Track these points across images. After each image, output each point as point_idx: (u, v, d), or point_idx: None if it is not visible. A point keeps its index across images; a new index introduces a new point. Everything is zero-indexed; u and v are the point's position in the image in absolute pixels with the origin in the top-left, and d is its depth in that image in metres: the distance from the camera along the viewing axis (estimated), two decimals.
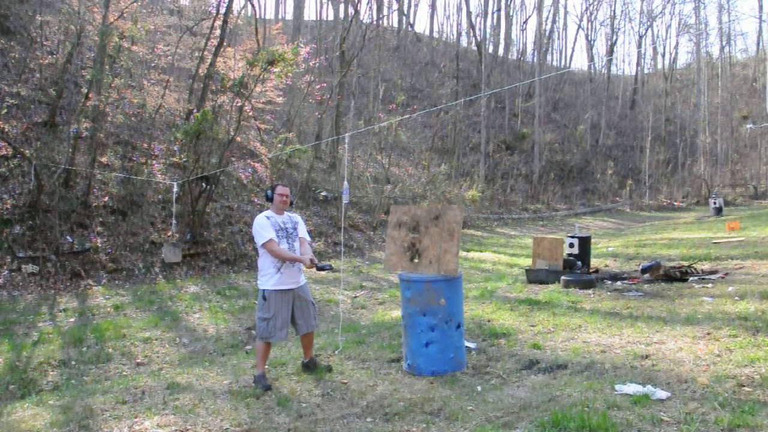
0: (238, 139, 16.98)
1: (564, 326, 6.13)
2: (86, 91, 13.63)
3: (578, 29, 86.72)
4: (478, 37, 39.68)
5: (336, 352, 5.71)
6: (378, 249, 16.86)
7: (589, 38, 50.91)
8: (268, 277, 4.70)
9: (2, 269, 10.30)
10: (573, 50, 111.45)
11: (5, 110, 12.87)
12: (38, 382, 6.63)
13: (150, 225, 13.02)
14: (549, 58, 50.17)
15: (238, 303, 10.09)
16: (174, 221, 13.09)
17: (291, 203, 4.96)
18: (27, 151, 12.01)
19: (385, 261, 5.19)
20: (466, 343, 5.65)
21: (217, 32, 16.31)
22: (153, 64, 18.22)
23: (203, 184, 13.51)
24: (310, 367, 5.04)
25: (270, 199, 4.85)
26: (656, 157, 38.39)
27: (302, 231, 4.93)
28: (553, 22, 49.88)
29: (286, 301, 4.74)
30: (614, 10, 72.93)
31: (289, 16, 38.61)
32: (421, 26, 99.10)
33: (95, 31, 14.27)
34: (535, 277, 9.42)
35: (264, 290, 4.72)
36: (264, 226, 4.68)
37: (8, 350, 7.38)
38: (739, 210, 27.84)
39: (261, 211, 5.25)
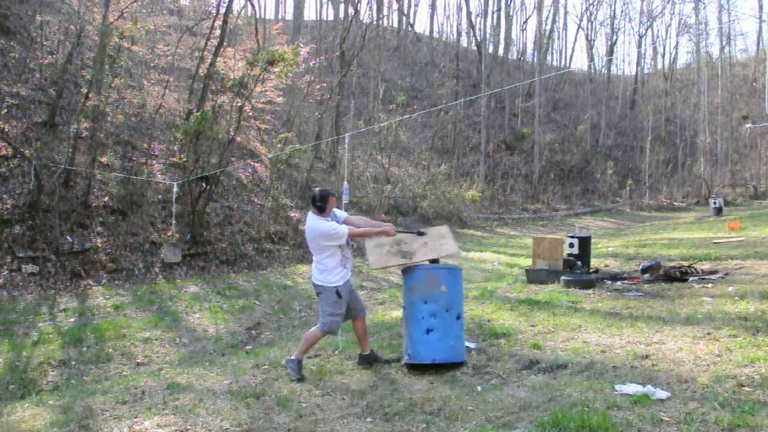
0: (238, 139, 16.99)
1: (564, 326, 6.13)
2: (86, 91, 13.63)
3: (578, 29, 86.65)
4: (478, 37, 39.68)
5: (336, 352, 5.71)
6: None
7: (589, 38, 50.87)
8: (336, 274, 4.84)
9: (2, 269, 10.30)
10: (573, 50, 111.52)
11: (5, 110, 12.87)
12: (38, 382, 6.63)
13: (150, 225, 13.02)
14: (549, 58, 50.17)
15: (238, 303, 10.10)
16: (174, 221, 13.09)
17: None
18: (27, 151, 12.00)
19: (371, 262, 5.25)
20: (466, 343, 5.65)
21: (217, 32, 16.31)
22: (153, 64, 18.22)
23: (203, 184, 13.51)
24: (369, 360, 5.13)
25: (322, 210, 4.84)
26: (656, 157, 38.36)
27: (343, 217, 5.04)
28: (553, 22, 49.87)
29: (350, 291, 4.97)
30: (614, 10, 72.93)
31: (289, 16, 38.64)
32: (421, 26, 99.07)
33: (95, 31, 14.27)
34: (535, 277, 9.41)
35: (337, 287, 4.84)
36: (331, 225, 4.81)
37: (8, 350, 7.38)
38: (739, 210, 27.84)
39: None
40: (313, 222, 4.86)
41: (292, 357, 4.97)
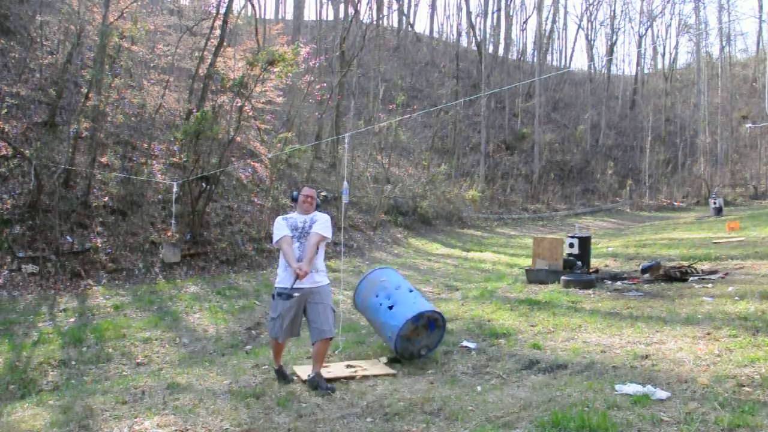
0: (238, 139, 16.99)
1: (564, 326, 6.13)
2: (86, 91, 13.63)
3: (578, 29, 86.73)
4: (478, 37, 39.68)
5: (336, 352, 5.71)
6: (378, 249, 16.86)
7: (589, 38, 50.89)
8: (278, 277, 4.76)
9: (2, 269, 10.30)
10: (573, 50, 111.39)
11: (5, 110, 12.87)
12: (38, 382, 6.64)
13: (150, 225, 13.02)
14: (549, 58, 50.18)
15: (238, 303, 10.10)
16: (174, 221, 13.09)
17: (317, 205, 4.89)
18: (27, 151, 12.00)
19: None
20: (466, 343, 5.66)
21: (217, 32, 16.31)
22: (153, 64, 18.22)
23: (203, 184, 13.51)
24: (313, 385, 4.57)
25: (295, 200, 4.88)
26: (656, 157, 38.35)
27: (317, 227, 4.68)
28: (553, 22, 49.89)
29: (292, 301, 4.57)
30: (614, 10, 73.00)
31: (289, 16, 38.64)
32: (421, 26, 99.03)
33: (95, 31, 14.27)
34: (535, 277, 9.41)
35: (275, 288, 4.78)
36: (279, 226, 4.75)
37: (8, 350, 7.39)
38: (739, 210, 27.83)
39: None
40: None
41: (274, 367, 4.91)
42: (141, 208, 13.23)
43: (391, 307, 5.17)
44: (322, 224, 4.75)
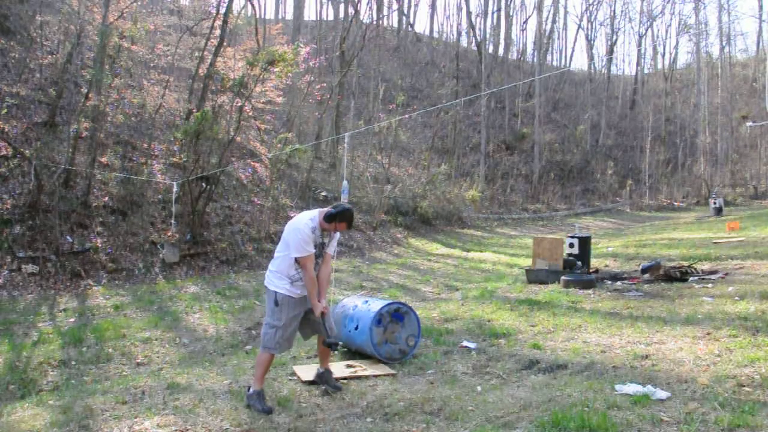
0: (238, 139, 16.99)
1: (564, 326, 6.13)
2: (86, 91, 13.64)
3: (578, 29, 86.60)
4: (478, 37, 39.69)
5: (336, 352, 5.70)
6: (378, 249, 16.85)
7: (589, 38, 50.83)
8: (282, 280, 4.25)
9: (2, 269, 10.30)
10: (573, 50, 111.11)
11: (5, 110, 12.87)
12: (38, 382, 6.63)
13: (150, 225, 13.02)
14: (549, 58, 50.17)
15: (238, 303, 10.09)
16: (174, 221, 13.09)
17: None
18: (27, 151, 12.00)
19: None
20: (466, 343, 5.66)
21: (217, 32, 16.32)
22: (153, 64, 18.23)
23: (203, 184, 13.51)
24: (322, 379, 4.57)
25: (332, 219, 4.22)
26: (656, 157, 38.35)
27: (332, 247, 4.44)
28: (553, 22, 49.86)
29: (300, 308, 4.29)
30: (614, 10, 72.94)
31: (289, 16, 38.64)
32: (421, 26, 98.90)
33: (95, 31, 14.28)
34: (535, 277, 9.41)
35: (276, 293, 4.23)
36: (307, 239, 4.17)
37: (8, 350, 7.39)
38: (739, 210, 27.82)
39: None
40: (304, 220, 4.26)
41: (251, 391, 4.22)
42: (141, 208, 13.23)
43: (356, 328, 5.23)
44: (335, 244, 4.47)
